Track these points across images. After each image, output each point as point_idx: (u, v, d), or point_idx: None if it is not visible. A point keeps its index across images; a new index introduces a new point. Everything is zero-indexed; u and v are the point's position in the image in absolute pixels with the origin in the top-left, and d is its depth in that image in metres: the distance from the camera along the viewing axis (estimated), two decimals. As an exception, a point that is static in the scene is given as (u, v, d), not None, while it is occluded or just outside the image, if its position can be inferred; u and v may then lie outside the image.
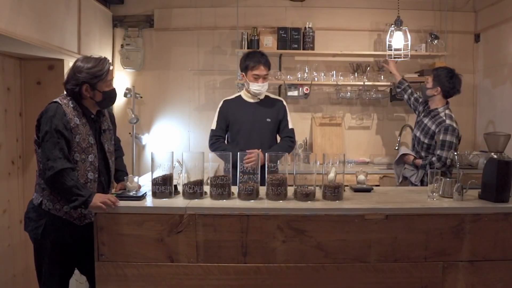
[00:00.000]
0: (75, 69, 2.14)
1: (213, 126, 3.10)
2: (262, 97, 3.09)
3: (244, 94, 3.12)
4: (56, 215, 2.13)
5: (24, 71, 3.36)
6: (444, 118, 3.11)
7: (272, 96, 3.20)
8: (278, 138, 3.20)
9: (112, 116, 2.46)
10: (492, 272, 2.15)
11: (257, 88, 2.99)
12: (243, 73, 3.05)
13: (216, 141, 3.04)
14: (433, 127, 3.11)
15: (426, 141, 3.15)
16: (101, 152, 2.27)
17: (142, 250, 2.10)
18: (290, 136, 3.11)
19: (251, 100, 3.09)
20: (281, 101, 3.17)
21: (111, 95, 2.25)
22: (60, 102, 2.12)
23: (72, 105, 2.15)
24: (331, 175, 2.24)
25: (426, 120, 3.22)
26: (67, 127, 2.08)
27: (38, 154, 2.14)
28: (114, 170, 2.38)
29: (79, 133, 2.13)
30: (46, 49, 2.98)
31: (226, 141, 3.15)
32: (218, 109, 3.13)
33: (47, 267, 2.15)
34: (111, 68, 2.22)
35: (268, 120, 3.06)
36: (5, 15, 2.48)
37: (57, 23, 3.14)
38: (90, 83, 2.13)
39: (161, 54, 4.46)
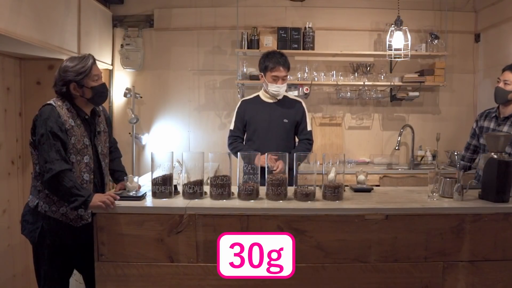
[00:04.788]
0: (60, 70, 2.15)
1: (231, 127, 3.11)
2: (280, 97, 3.06)
3: (262, 94, 3.11)
4: (52, 217, 2.12)
5: (24, 71, 3.36)
6: None
7: (291, 96, 3.17)
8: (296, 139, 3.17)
9: (108, 118, 2.46)
10: (492, 272, 2.15)
11: (275, 89, 2.98)
12: (262, 74, 3.03)
13: (234, 141, 3.05)
14: None
15: None
16: (94, 153, 2.25)
17: (142, 250, 2.09)
18: (308, 139, 3.08)
19: (269, 100, 3.07)
20: (300, 102, 3.13)
21: (101, 90, 2.22)
22: (54, 104, 2.11)
23: (66, 107, 2.14)
24: (331, 175, 2.24)
25: (506, 128, 2.76)
26: (62, 128, 2.07)
27: (34, 157, 2.13)
28: (107, 172, 2.36)
29: (74, 135, 2.12)
30: (46, 49, 2.98)
31: (244, 141, 3.13)
32: (236, 110, 3.12)
33: (46, 269, 2.15)
34: (97, 63, 2.21)
35: (285, 120, 3.02)
36: (5, 15, 2.48)
37: (57, 23, 3.14)
38: (76, 80, 2.12)
39: (161, 54, 4.46)
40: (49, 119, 2.05)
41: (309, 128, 3.10)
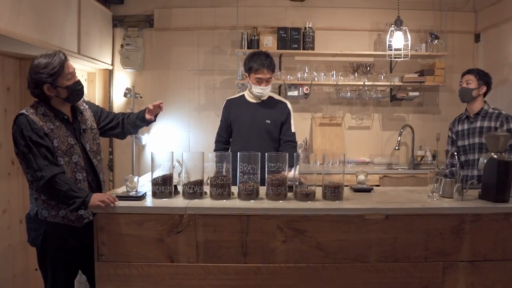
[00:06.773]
0: (31, 71, 2.06)
1: (218, 127, 3.10)
2: (265, 98, 3.02)
3: (247, 94, 3.07)
4: (54, 222, 2.10)
5: (24, 71, 3.36)
6: (496, 111, 2.97)
7: (276, 97, 3.11)
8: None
9: (92, 105, 2.41)
10: (492, 272, 2.15)
11: (259, 91, 2.93)
12: (246, 74, 2.98)
13: (216, 148, 3.07)
14: (492, 124, 2.93)
15: None
16: (83, 152, 2.21)
17: (142, 250, 2.09)
18: (292, 141, 3.01)
19: (253, 101, 3.03)
20: (285, 103, 3.07)
21: (76, 88, 2.14)
22: (26, 112, 2.06)
23: (41, 112, 2.09)
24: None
25: (479, 123, 2.99)
26: (40, 134, 2.02)
27: (23, 166, 2.10)
28: (101, 169, 2.32)
29: (56, 137, 2.08)
30: (46, 49, 2.97)
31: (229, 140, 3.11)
32: (222, 109, 3.10)
33: (51, 272, 2.14)
34: (68, 61, 2.12)
35: (268, 121, 2.98)
36: (5, 15, 2.48)
37: (57, 23, 3.14)
38: (49, 81, 2.05)
39: (161, 54, 4.46)
40: (25, 129, 2.01)
41: (293, 130, 3.04)
